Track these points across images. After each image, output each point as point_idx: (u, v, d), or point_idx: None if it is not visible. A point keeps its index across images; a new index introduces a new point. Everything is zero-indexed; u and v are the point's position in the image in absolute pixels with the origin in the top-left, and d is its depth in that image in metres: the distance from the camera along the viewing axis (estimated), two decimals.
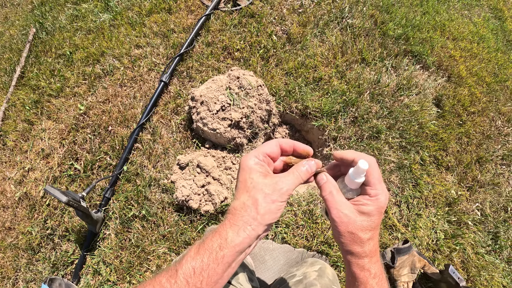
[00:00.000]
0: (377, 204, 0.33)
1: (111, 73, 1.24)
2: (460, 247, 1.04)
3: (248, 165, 0.34)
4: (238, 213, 0.32)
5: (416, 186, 1.09)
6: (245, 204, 0.32)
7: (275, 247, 0.91)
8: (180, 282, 0.30)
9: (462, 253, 1.04)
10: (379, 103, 1.17)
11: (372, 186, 0.34)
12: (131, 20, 1.35)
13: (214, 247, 0.31)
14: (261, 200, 0.32)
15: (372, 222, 0.33)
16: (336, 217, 0.33)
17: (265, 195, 0.32)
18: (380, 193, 0.34)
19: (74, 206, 0.85)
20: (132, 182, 1.02)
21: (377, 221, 0.34)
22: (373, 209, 0.33)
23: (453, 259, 1.03)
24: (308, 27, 1.28)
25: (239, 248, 0.31)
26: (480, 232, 1.10)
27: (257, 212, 0.32)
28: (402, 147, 1.13)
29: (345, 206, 0.33)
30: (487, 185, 1.19)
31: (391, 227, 1.02)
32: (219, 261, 0.30)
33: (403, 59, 1.31)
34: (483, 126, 1.33)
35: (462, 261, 1.05)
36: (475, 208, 1.14)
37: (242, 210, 0.32)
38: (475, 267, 1.04)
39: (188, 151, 1.02)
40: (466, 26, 1.65)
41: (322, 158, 1.11)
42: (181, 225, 0.94)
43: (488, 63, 1.53)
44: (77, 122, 1.17)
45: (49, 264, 0.99)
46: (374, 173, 0.34)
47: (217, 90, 0.96)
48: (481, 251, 1.07)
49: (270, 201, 0.32)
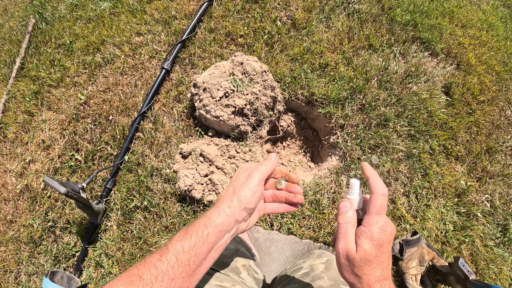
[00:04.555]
0: (370, 235, 0.31)
1: (111, 61, 1.13)
2: (469, 239, 0.95)
3: (243, 167, 0.39)
4: (221, 198, 0.37)
5: (425, 176, 0.99)
6: (228, 191, 0.37)
7: (280, 238, 0.83)
8: (170, 259, 0.31)
9: (471, 245, 0.95)
10: (387, 90, 1.05)
11: (368, 214, 0.32)
12: (132, 7, 1.23)
13: (200, 226, 0.33)
14: (238, 186, 0.36)
15: (369, 254, 0.31)
16: (341, 248, 0.33)
17: (241, 183, 0.37)
18: (374, 224, 0.31)
19: (73, 197, 0.76)
20: (134, 172, 0.93)
21: (374, 253, 0.31)
22: (365, 241, 0.31)
23: (462, 252, 0.94)
24: (313, 12, 1.15)
25: (221, 227, 0.33)
26: (489, 224, 1.01)
27: (234, 193, 0.36)
28: (410, 135, 1.02)
29: (351, 240, 0.33)
30: (496, 176, 1.09)
31: (400, 218, 0.93)
32: (204, 239, 0.33)
33: (411, 45, 1.18)
34: (492, 116, 1.21)
35: (470, 253, 0.96)
36: (484, 200, 1.04)
37: (225, 196, 0.37)
38: (484, 260, 0.95)
39: (191, 140, 0.92)
40: (474, 13, 1.51)
41: (329, 147, 1.01)
42: (184, 216, 0.86)
43: (498, 51, 1.39)
44: (78, 112, 1.07)
45: (51, 257, 0.91)
46: (374, 202, 0.32)
47: (220, 76, 0.85)
48: (490, 243, 0.98)
49: (246, 187, 0.36)
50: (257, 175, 0.37)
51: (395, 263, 0.87)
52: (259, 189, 0.36)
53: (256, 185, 0.36)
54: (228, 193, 0.36)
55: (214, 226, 0.33)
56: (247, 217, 0.36)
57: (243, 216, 0.35)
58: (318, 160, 1.06)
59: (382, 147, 0.98)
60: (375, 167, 0.94)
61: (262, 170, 0.38)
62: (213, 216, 0.34)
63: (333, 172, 0.93)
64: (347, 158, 0.95)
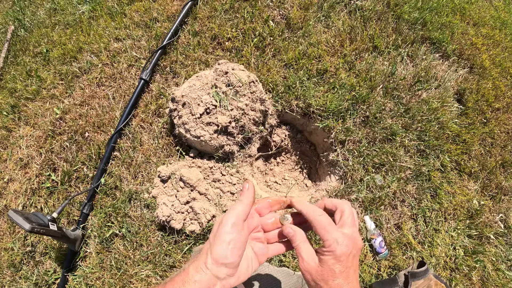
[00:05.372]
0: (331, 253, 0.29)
1: (88, 71, 1.01)
2: (480, 264, 0.83)
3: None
4: (200, 251, 0.32)
5: (435, 196, 0.86)
6: (206, 244, 0.32)
7: (271, 270, 0.73)
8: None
9: (482, 270, 0.84)
10: (393, 99, 0.91)
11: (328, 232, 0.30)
12: (111, 10, 1.09)
13: (178, 282, 0.29)
14: (212, 239, 0.31)
15: (330, 270, 0.29)
16: (302, 266, 0.31)
17: (213, 235, 0.31)
18: (332, 242, 0.29)
19: (40, 232, 0.66)
20: (111, 196, 0.83)
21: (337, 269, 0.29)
22: (327, 258, 0.29)
23: (472, 278, 0.82)
24: (310, 10, 0.99)
25: (200, 285, 0.29)
26: (501, 246, 0.88)
27: (209, 248, 0.30)
28: (420, 151, 0.89)
29: (309, 256, 0.31)
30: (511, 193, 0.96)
31: (406, 245, 0.81)
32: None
33: (420, 46, 1.02)
34: (508, 125, 1.05)
35: (481, 279, 0.84)
36: (498, 220, 0.91)
37: (203, 249, 0.32)
38: (495, 285, 0.83)
39: (171, 161, 0.81)
40: (486, 10, 1.32)
41: (328, 165, 0.88)
42: (165, 246, 0.76)
43: None
44: (54, 128, 0.96)
45: (32, 283, 0.84)
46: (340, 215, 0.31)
47: (201, 88, 0.73)
48: (502, 267, 0.86)
49: (218, 240, 0.30)
50: (229, 221, 0.30)
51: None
52: (235, 237, 0.30)
53: (229, 233, 0.30)
54: (205, 247, 0.31)
55: (193, 283, 0.29)
56: (233, 271, 0.30)
57: (225, 273, 0.30)
58: (315, 178, 0.94)
59: (387, 165, 0.85)
60: (380, 188, 0.82)
61: (235, 213, 0.31)
62: (191, 271, 0.30)
63: (332, 195, 0.81)
64: (348, 179, 0.82)
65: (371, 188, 0.80)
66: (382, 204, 0.80)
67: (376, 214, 0.79)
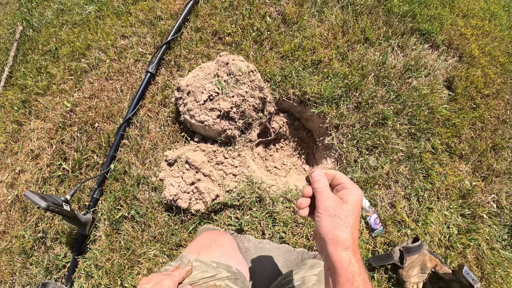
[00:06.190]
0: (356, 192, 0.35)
1: (96, 66, 1.06)
2: (475, 242, 0.86)
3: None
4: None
5: (427, 177, 0.91)
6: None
7: (272, 247, 0.76)
8: None
9: (476, 249, 0.87)
10: (385, 86, 0.96)
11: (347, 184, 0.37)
12: (117, 9, 1.15)
13: None
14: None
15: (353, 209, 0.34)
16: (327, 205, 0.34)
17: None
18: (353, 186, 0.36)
19: (55, 211, 0.71)
20: (120, 181, 0.87)
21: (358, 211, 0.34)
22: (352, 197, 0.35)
23: (467, 256, 0.85)
24: (305, 6, 1.05)
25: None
26: (495, 226, 0.92)
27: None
28: (411, 134, 0.93)
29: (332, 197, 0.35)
30: (503, 175, 0.99)
31: (400, 223, 0.85)
32: None
33: (410, 38, 1.08)
34: (498, 110, 1.10)
35: (476, 257, 0.87)
36: (490, 200, 0.95)
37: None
38: (490, 263, 0.86)
39: (177, 146, 0.86)
40: (476, 2, 1.38)
41: (324, 148, 0.93)
42: (172, 226, 0.80)
43: (501, 41, 1.27)
44: (64, 120, 1.01)
45: (43, 268, 0.87)
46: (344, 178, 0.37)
47: (204, 78, 0.78)
48: (497, 246, 0.89)
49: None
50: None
51: (395, 272, 0.80)
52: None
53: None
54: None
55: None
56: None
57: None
58: (313, 162, 0.98)
59: (380, 148, 0.89)
60: (373, 169, 0.86)
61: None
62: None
63: None
64: (343, 161, 0.87)
65: (365, 169, 0.84)
66: (376, 183, 0.84)
67: (371, 193, 0.83)
